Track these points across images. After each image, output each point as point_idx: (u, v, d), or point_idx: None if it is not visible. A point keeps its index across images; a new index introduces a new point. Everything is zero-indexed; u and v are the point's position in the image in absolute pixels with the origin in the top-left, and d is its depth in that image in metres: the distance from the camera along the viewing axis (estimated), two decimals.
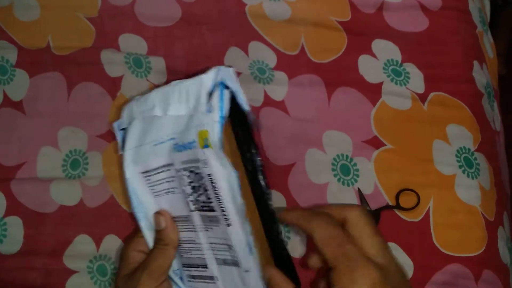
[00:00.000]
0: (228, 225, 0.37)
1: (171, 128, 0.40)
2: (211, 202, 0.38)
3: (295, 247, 0.49)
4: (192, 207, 0.39)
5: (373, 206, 0.51)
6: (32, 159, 0.51)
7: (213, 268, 0.40)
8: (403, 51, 0.58)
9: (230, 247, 0.38)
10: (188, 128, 0.38)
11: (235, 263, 0.38)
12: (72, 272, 0.48)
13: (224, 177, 0.36)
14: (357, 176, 0.53)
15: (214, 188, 0.37)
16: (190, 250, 0.41)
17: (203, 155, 0.36)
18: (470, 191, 0.52)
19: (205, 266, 0.40)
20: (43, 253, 0.48)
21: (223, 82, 0.37)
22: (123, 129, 0.45)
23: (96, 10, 0.57)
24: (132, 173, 0.42)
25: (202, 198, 0.38)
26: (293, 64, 0.57)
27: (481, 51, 0.61)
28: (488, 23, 0.67)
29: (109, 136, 0.52)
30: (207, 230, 0.39)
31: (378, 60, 0.58)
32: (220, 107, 0.36)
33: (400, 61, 0.58)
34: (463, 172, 0.53)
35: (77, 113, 0.53)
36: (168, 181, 0.41)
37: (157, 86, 0.54)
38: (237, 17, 0.58)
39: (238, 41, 0.57)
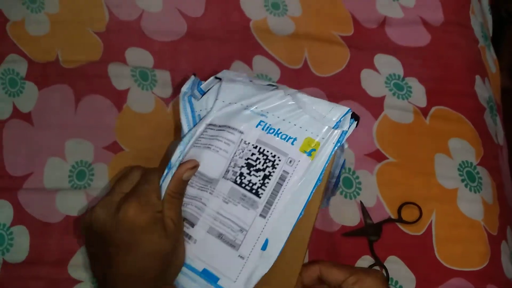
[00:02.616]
0: (262, 216, 0.38)
1: (269, 106, 0.40)
2: (262, 188, 0.38)
3: None
4: (230, 176, 0.39)
5: (375, 219, 0.51)
6: (39, 169, 0.52)
7: (199, 231, 0.39)
8: (405, 66, 0.59)
9: (241, 230, 0.38)
10: (294, 123, 0.39)
11: (231, 244, 0.38)
12: (76, 281, 0.48)
13: (297, 188, 0.38)
14: (360, 189, 0.53)
15: (280, 184, 0.38)
16: (187, 204, 0.40)
17: (297, 156, 0.38)
18: (473, 205, 0.52)
19: (192, 224, 0.39)
20: (49, 262, 0.49)
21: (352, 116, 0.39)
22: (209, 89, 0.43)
23: (104, 25, 0.58)
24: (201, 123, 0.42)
25: (253, 179, 0.38)
26: (296, 78, 0.58)
27: (483, 66, 0.61)
28: (490, 38, 0.68)
29: (115, 147, 0.53)
30: (226, 202, 0.39)
31: (380, 74, 0.58)
32: (342, 134, 0.38)
33: (402, 75, 0.59)
34: (466, 186, 0.53)
35: (84, 125, 0.54)
36: (220, 140, 0.40)
37: (162, 99, 0.56)
38: (241, 32, 0.60)
39: (243, 55, 0.58)
